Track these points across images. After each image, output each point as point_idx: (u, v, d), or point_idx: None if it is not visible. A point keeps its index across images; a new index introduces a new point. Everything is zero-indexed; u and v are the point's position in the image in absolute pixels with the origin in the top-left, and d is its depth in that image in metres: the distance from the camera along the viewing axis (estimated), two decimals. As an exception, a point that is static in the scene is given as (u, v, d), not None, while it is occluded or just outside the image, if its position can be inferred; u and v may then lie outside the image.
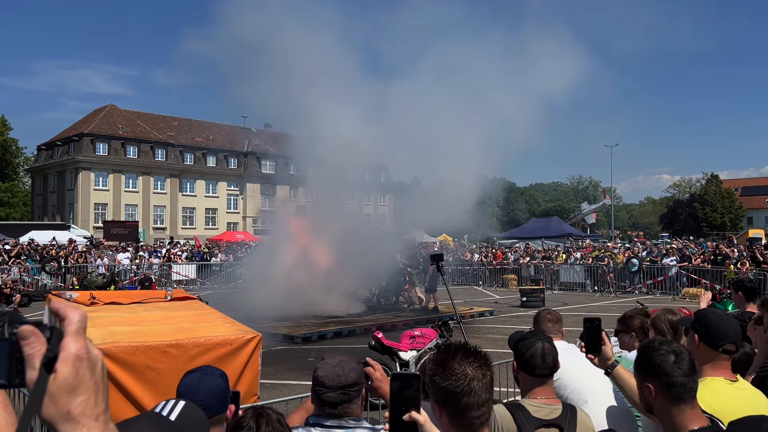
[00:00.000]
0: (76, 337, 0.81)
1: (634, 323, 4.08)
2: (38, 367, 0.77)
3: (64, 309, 0.84)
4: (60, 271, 24.07)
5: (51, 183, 58.81)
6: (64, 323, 0.83)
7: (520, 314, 17.87)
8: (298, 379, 9.38)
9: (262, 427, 2.01)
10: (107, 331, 4.72)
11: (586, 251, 27.63)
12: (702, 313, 2.79)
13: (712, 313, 2.74)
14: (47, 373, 0.77)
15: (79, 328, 0.82)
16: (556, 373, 3.49)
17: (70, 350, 0.80)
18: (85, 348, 0.81)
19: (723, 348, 2.59)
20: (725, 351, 2.60)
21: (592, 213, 52.28)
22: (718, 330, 2.61)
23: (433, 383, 1.89)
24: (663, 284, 23.04)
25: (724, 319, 2.71)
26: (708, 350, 2.61)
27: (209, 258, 29.06)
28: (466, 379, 1.83)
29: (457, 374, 1.84)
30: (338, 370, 2.39)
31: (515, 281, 26.15)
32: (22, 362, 0.77)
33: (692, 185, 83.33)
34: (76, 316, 0.83)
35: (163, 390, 4.04)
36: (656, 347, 2.22)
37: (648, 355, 2.22)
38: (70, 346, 0.80)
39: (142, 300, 6.26)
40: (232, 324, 5.35)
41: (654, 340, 2.38)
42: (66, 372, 0.79)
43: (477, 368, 1.87)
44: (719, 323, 2.64)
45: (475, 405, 1.83)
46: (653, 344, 2.27)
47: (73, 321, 0.82)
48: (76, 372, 0.80)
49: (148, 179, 57.28)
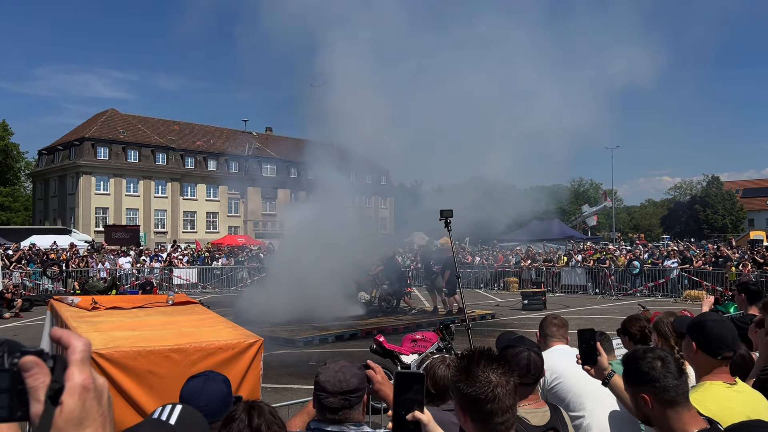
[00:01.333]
0: (81, 367, 0.78)
1: (634, 328, 4.08)
2: (43, 400, 0.73)
3: (67, 337, 0.80)
4: (61, 276, 24.09)
5: (52, 187, 58.87)
6: (68, 352, 0.79)
7: (521, 317, 17.85)
8: (300, 383, 9.37)
9: (255, 419, 2.01)
10: (109, 336, 4.72)
11: (588, 254, 27.62)
12: (699, 320, 2.78)
13: (710, 321, 2.73)
14: (53, 406, 0.74)
15: (84, 357, 0.79)
16: (558, 378, 3.51)
17: (76, 381, 0.76)
18: (91, 378, 0.78)
19: (722, 356, 2.58)
20: (724, 358, 2.59)
21: (593, 215, 52.23)
22: (716, 338, 2.59)
23: (458, 390, 1.91)
24: (664, 286, 23.02)
25: (722, 325, 2.69)
26: (706, 358, 2.60)
27: (210, 262, 29.07)
28: (490, 386, 1.85)
29: (481, 381, 1.86)
30: (340, 376, 2.39)
31: (516, 284, 26.14)
32: (24, 394, 0.73)
33: (693, 187, 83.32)
34: (80, 345, 0.79)
35: (165, 395, 4.03)
36: (641, 356, 2.22)
37: (635, 366, 2.21)
38: (75, 376, 0.77)
39: (143, 305, 6.25)
40: (234, 328, 5.35)
41: (637, 349, 2.37)
42: (72, 404, 0.75)
43: (501, 375, 1.89)
44: (717, 331, 2.62)
45: (499, 411, 1.85)
46: (638, 353, 2.26)
47: (77, 350, 0.78)
48: (83, 403, 0.76)
49: (149, 183, 57.32)
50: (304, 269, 15.64)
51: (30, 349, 0.76)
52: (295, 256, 16.53)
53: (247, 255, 31.30)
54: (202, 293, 25.11)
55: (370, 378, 2.51)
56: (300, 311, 15.09)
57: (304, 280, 15.45)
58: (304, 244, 16.22)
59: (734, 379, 2.61)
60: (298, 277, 15.64)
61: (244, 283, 27.87)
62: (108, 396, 0.82)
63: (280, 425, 2.07)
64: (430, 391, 3.02)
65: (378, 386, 2.50)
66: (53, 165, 58.07)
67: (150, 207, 57.19)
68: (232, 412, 2.04)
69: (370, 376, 2.51)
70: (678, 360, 2.21)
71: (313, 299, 15.33)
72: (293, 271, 15.98)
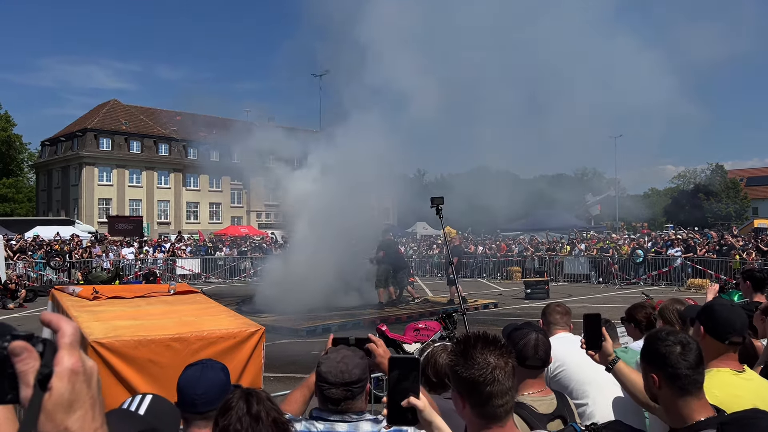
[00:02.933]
0: (71, 351, 0.78)
1: (640, 315, 4.05)
2: (33, 384, 0.73)
3: (56, 321, 0.80)
4: (65, 266, 24.15)
5: (55, 178, 58.96)
6: (57, 336, 0.79)
7: (524, 306, 17.84)
8: (302, 372, 9.37)
9: (254, 406, 1.97)
10: (110, 326, 4.70)
11: (591, 243, 27.57)
12: (708, 304, 2.75)
13: (719, 305, 2.70)
14: (42, 390, 0.74)
15: (73, 340, 0.79)
16: (561, 365, 3.47)
17: (66, 365, 0.77)
18: (80, 361, 0.78)
19: (730, 340, 2.55)
20: (732, 343, 2.56)
21: (596, 205, 52.12)
22: (724, 322, 2.56)
23: (455, 374, 1.87)
24: (668, 275, 22.97)
25: (731, 310, 2.67)
26: (714, 343, 2.56)
27: (213, 252, 29.11)
28: (488, 368, 1.81)
29: (479, 363, 1.82)
30: (342, 366, 2.35)
31: (519, 273, 26.13)
32: (14, 379, 0.73)
33: (697, 176, 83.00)
34: (69, 329, 0.79)
35: (165, 384, 4.02)
36: (663, 337, 2.18)
37: (654, 346, 2.18)
38: (64, 360, 0.77)
39: (145, 294, 6.23)
40: (235, 317, 5.33)
41: (662, 329, 2.34)
42: (62, 388, 0.76)
43: (498, 356, 1.85)
44: (726, 315, 2.59)
45: (499, 393, 1.82)
46: (660, 334, 2.22)
47: (66, 333, 0.79)
48: (73, 387, 0.77)
49: (152, 174, 57.36)
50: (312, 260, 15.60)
51: (20, 333, 0.76)
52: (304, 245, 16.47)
53: (250, 245, 31.35)
54: (205, 284, 25.16)
55: (372, 351, 2.47)
56: (305, 301, 15.09)
57: (311, 269, 15.43)
58: (315, 232, 16.05)
59: (742, 367, 2.58)
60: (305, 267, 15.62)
61: (247, 274, 27.93)
62: (97, 379, 0.82)
63: (279, 411, 2.03)
64: (431, 379, 2.98)
65: (380, 359, 2.47)
66: (56, 156, 58.13)
67: (153, 198, 57.26)
68: (228, 400, 1.99)
69: (371, 350, 2.47)
70: (700, 350, 2.17)
71: (318, 289, 15.32)
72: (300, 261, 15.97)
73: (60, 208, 56.19)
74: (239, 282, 26.57)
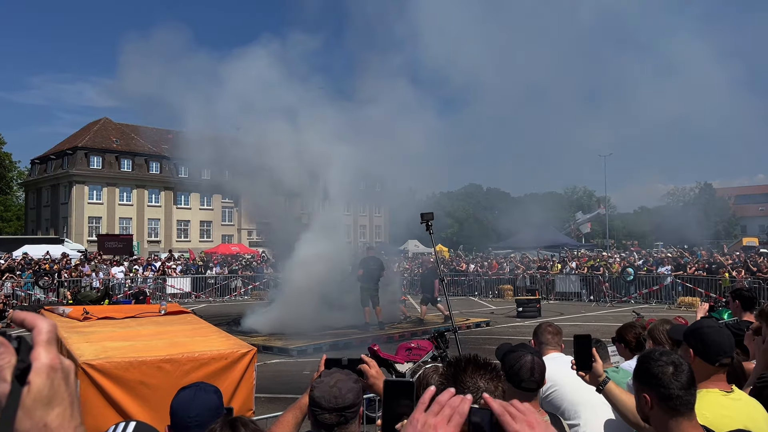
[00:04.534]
0: (48, 347, 0.77)
1: (629, 335, 4.07)
2: (10, 380, 0.73)
3: (31, 319, 0.80)
4: (53, 286, 23.92)
5: (45, 197, 58.61)
6: (33, 333, 0.78)
7: (516, 325, 17.82)
8: (294, 393, 9.31)
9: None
10: (100, 347, 4.68)
11: (582, 261, 27.66)
12: (696, 327, 2.77)
13: (707, 327, 2.72)
14: (21, 385, 0.73)
15: (50, 338, 0.78)
16: (553, 386, 3.48)
17: (43, 360, 0.76)
18: (57, 358, 0.78)
19: (719, 362, 2.57)
20: (722, 365, 2.58)
21: (586, 222, 52.36)
22: (714, 344, 2.58)
23: None
24: (658, 293, 23.05)
25: (719, 332, 2.69)
26: (704, 364, 2.58)
27: (204, 271, 28.95)
28: (478, 392, 1.80)
29: (469, 387, 1.81)
30: (335, 391, 2.35)
31: (511, 291, 26.14)
32: None
33: (686, 194, 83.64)
34: (46, 326, 0.78)
35: (157, 406, 3.99)
36: (656, 357, 2.20)
37: (646, 365, 2.19)
38: (42, 356, 0.76)
39: (135, 315, 6.20)
40: (227, 338, 5.32)
41: (654, 350, 2.35)
42: (41, 383, 0.75)
43: (489, 380, 1.84)
44: (715, 337, 2.61)
45: None
46: (653, 354, 2.24)
47: (42, 330, 0.78)
48: (51, 383, 0.76)
49: (143, 192, 57.15)
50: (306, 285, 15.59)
51: (6, 333, 0.76)
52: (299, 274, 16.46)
53: (240, 264, 31.21)
54: (195, 303, 24.99)
55: (364, 372, 2.47)
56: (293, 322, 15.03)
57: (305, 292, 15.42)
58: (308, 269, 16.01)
59: (731, 387, 2.60)
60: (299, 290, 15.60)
61: (238, 292, 27.77)
62: (75, 378, 0.82)
63: None
64: None
65: (372, 380, 2.47)
66: (46, 174, 57.84)
67: (143, 216, 56.98)
68: (211, 429, 1.97)
69: (364, 371, 2.47)
70: (692, 371, 2.19)
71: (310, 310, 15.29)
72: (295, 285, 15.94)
73: (49, 227, 55.79)
74: (230, 301, 26.42)
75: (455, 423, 0.99)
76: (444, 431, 0.98)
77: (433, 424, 0.99)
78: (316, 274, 15.64)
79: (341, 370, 2.49)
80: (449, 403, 1.01)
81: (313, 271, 15.64)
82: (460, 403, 1.01)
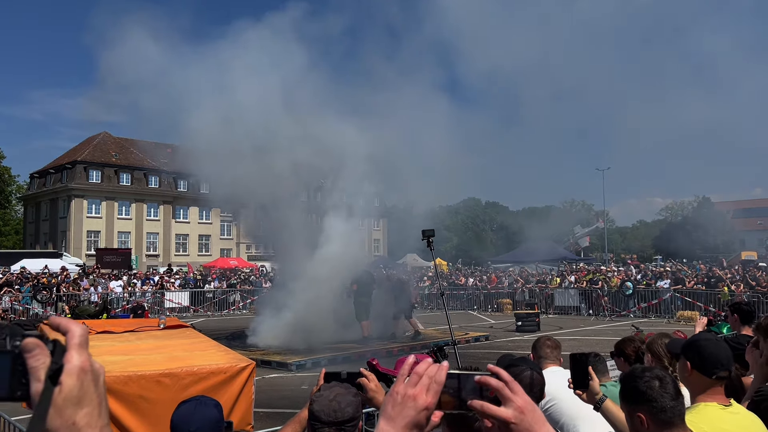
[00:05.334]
0: (80, 350, 0.82)
1: (629, 349, 4.08)
2: (44, 379, 0.77)
3: (65, 323, 0.85)
4: (51, 300, 23.85)
5: (43, 211, 58.60)
6: (67, 337, 0.83)
7: (515, 339, 17.79)
8: (293, 407, 9.27)
9: None
10: (99, 361, 4.68)
11: (581, 275, 27.65)
12: (694, 339, 2.78)
13: (704, 340, 2.73)
14: (53, 385, 0.78)
15: (82, 341, 0.83)
16: (552, 400, 3.48)
17: (75, 362, 0.81)
18: (88, 360, 0.83)
19: (717, 375, 2.58)
20: (719, 378, 2.59)
21: (585, 236, 52.41)
22: (711, 357, 2.59)
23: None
24: (658, 307, 23.02)
25: (717, 345, 2.70)
26: (701, 378, 2.59)
27: (203, 285, 28.89)
28: None
29: None
30: (334, 405, 2.35)
31: (510, 305, 26.09)
32: (25, 374, 0.77)
33: (684, 208, 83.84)
34: (78, 330, 0.84)
35: (156, 420, 3.98)
36: (639, 375, 2.22)
37: (633, 384, 2.21)
38: (74, 358, 0.81)
39: (134, 329, 6.20)
40: (226, 352, 5.31)
41: (635, 368, 2.37)
42: (71, 383, 0.80)
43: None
44: (712, 350, 2.62)
45: None
46: (636, 372, 2.26)
47: (75, 334, 0.83)
48: (81, 384, 0.81)
49: (141, 206, 57.16)
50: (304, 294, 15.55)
51: (31, 332, 0.81)
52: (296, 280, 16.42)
53: (239, 278, 31.16)
54: (194, 317, 24.92)
55: (364, 386, 2.48)
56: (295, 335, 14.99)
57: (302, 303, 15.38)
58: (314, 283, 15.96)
59: (729, 401, 2.61)
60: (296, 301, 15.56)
61: (236, 306, 27.70)
62: (104, 380, 0.86)
63: None
64: None
65: (371, 394, 2.48)
66: (45, 188, 57.88)
67: (142, 230, 56.95)
68: None
69: (363, 384, 2.48)
70: (675, 381, 2.21)
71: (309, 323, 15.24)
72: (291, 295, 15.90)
73: (47, 241, 55.71)
74: (228, 315, 26.35)
75: (434, 391, 1.02)
76: (423, 401, 1.01)
77: (413, 394, 1.01)
78: (330, 288, 15.61)
79: (340, 383, 2.50)
80: (427, 372, 1.03)
81: (328, 286, 15.61)
82: (437, 371, 1.03)
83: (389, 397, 1.05)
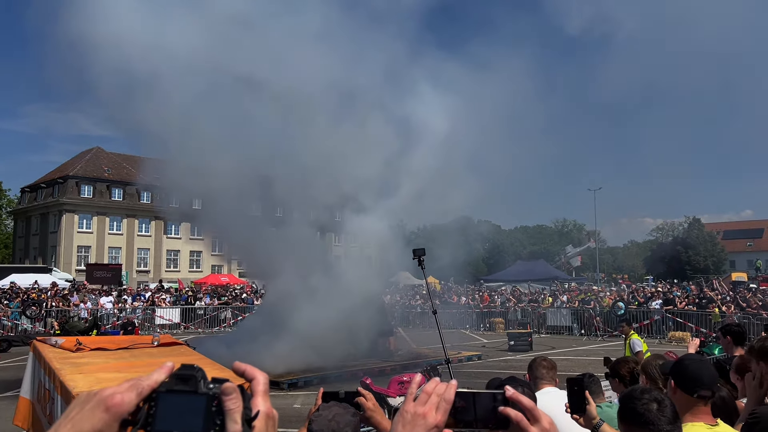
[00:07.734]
0: (264, 397, 0.90)
1: (623, 369, 4.11)
2: (240, 422, 0.84)
3: (251, 371, 0.92)
4: (40, 315, 23.64)
5: (34, 225, 58.20)
6: (252, 383, 0.92)
7: (507, 358, 17.77)
8: (285, 426, 9.21)
9: None
10: (94, 378, 4.65)
11: (573, 294, 27.71)
12: (680, 359, 2.84)
13: (689, 360, 2.79)
14: (249, 429, 0.85)
15: (266, 389, 0.91)
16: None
17: (262, 409, 0.88)
18: (271, 407, 0.91)
19: (698, 394, 2.62)
20: (700, 396, 2.63)
21: (577, 256, 52.58)
22: (693, 376, 2.65)
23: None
24: (649, 328, 23.07)
25: (700, 365, 2.75)
26: (684, 396, 2.64)
27: (193, 301, 28.72)
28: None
29: None
30: (333, 425, 2.37)
31: (502, 324, 26.07)
32: (220, 416, 0.83)
33: (675, 228, 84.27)
34: (263, 378, 0.91)
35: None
36: (638, 396, 2.24)
37: (631, 405, 2.24)
38: (261, 404, 0.89)
39: (128, 346, 6.17)
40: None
41: (634, 389, 2.40)
42: (260, 428, 0.87)
43: None
44: (694, 369, 2.68)
45: None
46: (634, 393, 2.29)
47: (261, 382, 0.91)
48: (265, 428, 0.88)
49: (133, 221, 56.91)
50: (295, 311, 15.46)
51: (222, 378, 0.87)
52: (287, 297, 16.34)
53: (230, 295, 31.01)
54: (184, 333, 24.75)
55: (361, 405, 2.49)
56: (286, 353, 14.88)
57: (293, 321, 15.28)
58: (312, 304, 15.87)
59: (716, 421, 2.64)
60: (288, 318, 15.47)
61: (227, 323, 27.53)
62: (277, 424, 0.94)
63: None
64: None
65: (369, 413, 2.49)
66: (36, 203, 57.56)
67: (133, 246, 56.64)
68: None
69: (360, 403, 2.49)
70: (674, 404, 2.24)
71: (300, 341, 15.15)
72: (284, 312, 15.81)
73: (37, 255, 55.29)
74: (219, 332, 26.18)
75: (443, 410, 1.03)
76: (433, 419, 1.02)
77: (422, 413, 1.03)
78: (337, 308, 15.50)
79: (339, 403, 2.51)
80: (435, 391, 1.05)
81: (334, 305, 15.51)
82: (446, 389, 1.05)
83: (399, 416, 1.07)
